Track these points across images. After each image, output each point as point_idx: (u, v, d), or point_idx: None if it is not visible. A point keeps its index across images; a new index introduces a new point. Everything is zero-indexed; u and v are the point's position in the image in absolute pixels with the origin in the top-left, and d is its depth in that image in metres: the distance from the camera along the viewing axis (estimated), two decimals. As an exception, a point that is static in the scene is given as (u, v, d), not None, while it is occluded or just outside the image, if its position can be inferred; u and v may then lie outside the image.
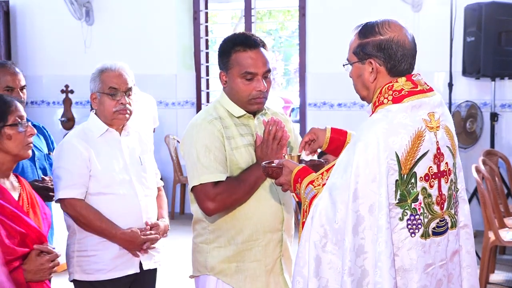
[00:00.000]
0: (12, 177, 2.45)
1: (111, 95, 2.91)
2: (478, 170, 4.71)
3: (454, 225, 2.18)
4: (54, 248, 2.38)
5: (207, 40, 7.84)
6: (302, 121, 7.27)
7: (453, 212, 2.17)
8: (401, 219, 2.04)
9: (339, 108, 7.01)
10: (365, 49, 2.11)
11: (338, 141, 2.51)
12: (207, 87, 7.75)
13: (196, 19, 7.65)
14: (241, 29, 8.95)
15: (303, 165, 2.30)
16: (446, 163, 2.13)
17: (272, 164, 2.34)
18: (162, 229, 3.00)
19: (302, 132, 6.91)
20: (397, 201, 2.03)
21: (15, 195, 2.38)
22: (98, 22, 7.77)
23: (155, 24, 7.57)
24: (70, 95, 7.71)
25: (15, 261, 2.23)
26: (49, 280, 2.43)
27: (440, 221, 2.12)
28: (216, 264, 2.63)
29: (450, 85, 6.24)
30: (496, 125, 6.30)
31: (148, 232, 2.92)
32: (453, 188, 2.17)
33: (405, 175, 2.03)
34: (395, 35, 2.09)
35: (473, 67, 6.18)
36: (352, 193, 2.01)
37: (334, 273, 2.06)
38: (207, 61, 7.75)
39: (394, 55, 2.09)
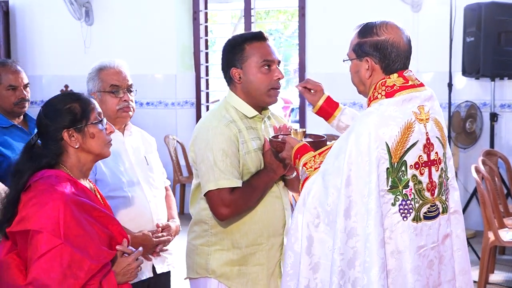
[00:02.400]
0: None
1: (113, 93, 2.83)
2: (477, 170, 4.71)
3: (445, 210, 2.33)
4: (134, 251, 2.28)
5: (206, 40, 7.84)
6: (302, 121, 7.27)
7: (444, 199, 2.32)
8: (393, 204, 2.19)
9: (338, 108, 7.01)
10: (362, 47, 2.29)
11: (325, 113, 2.72)
12: (207, 87, 7.75)
13: (195, 19, 7.65)
14: (241, 29, 8.95)
15: (304, 142, 2.43)
16: (436, 152, 2.28)
17: (278, 139, 2.49)
18: (174, 230, 2.92)
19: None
20: (388, 188, 2.18)
21: None
22: (97, 22, 7.76)
23: (155, 24, 7.56)
24: (69, 95, 7.71)
25: (108, 264, 2.15)
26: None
27: (431, 206, 2.27)
28: (218, 267, 2.62)
29: (450, 85, 6.23)
30: (495, 125, 6.29)
31: (160, 234, 2.83)
32: (443, 176, 2.33)
33: (396, 163, 2.18)
34: (391, 37, 2.27)
35: (473, 67, 6.17)
36: (345, 179, 2.16)
37: (325, 251, 2.22)
38: (206, 61, 7.75)
39: (388, 55, 2.27)
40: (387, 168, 2.17)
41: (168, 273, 2.95)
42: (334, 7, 6.94)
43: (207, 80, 7.76)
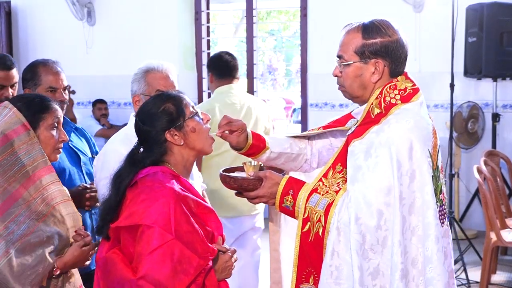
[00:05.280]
0: None
1: None
2: (479, 171, 4.71)
3: None
4: (230, 248, 2.27)
5: (208, 41, 7.84)
6: (304, 121, 7.27)
7: None
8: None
9: (340, 108, 7.00)
10: (371, 49, 2.10)
11: (256, 148, 2.38)
12: (209, 88, 7.74)
13: (197, 19, 7.65)
14: (242, 29, 8.93)
15: (288, 176, 2.21)
16: None
17: (241, 174, 2.26)
18: None
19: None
20: None
21: None
22: (99, 23, 7.77)
23: (157, 24, 7.57)
24: (71, 96, 7.71)
25: (210, 261, 2.17)
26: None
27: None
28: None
29: (452, 85, 6.22)
30: (497, 126, 6.29)
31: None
32: None
33: (435, 170, 2.07)
34: (399, 37, 2.11)
35: (475, 68, 6.17)
36: (398, 195, 2.00)
37: (370, 278, 2.03)
38: (208, 61, 7.75)
39: (399, 56, 2.11)
40: (432, 176, 2.05)
41: None
42: (336, 7, 6.93)
43: (209, 81, 7.76)
